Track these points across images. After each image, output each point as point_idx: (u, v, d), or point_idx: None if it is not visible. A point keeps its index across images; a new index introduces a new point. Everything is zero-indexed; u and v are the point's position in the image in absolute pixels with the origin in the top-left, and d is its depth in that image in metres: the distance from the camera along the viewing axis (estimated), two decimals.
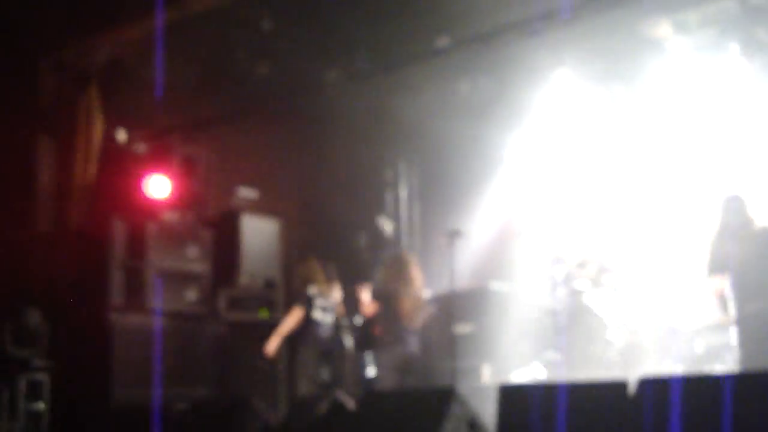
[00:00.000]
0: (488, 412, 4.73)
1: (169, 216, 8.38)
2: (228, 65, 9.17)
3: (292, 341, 8.09)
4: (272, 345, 7.87)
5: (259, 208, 9.56)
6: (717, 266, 6.71)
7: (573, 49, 8.99)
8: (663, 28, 8.21)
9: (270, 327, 8.16)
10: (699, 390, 4.04)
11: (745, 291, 6.58)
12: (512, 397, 4.59)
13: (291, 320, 7.89)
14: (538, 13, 7.08)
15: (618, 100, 8.88)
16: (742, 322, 6.63)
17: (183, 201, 8.48)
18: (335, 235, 9.41)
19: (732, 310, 6.73)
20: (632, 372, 6.56)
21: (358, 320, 8.52)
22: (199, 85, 9.29)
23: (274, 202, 9.91)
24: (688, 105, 8.55)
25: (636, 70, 8.63)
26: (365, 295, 8.17)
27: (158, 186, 8.31)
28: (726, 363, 7.29)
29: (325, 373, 7.92)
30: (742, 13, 7.72)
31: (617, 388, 4.33)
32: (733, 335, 7.34)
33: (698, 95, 8.43)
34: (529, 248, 8.26)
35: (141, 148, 8.53)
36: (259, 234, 8.93)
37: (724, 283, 6.69)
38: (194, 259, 8.33)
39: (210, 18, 7.96)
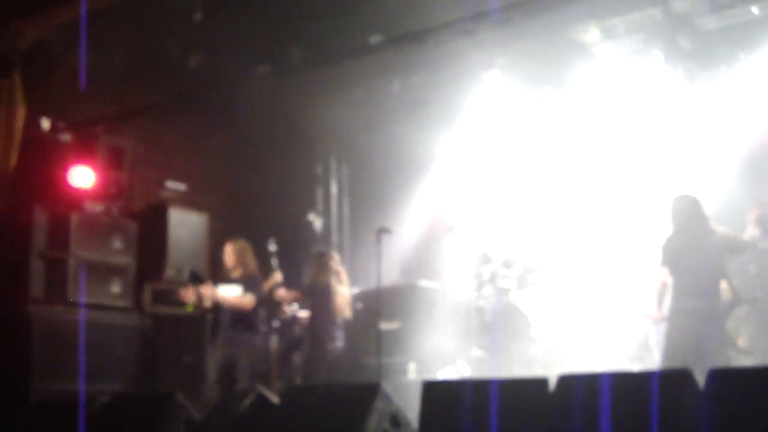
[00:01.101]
0: (413, 408, 4.75)
1: (93, 207, 8.22)
2: (158, 56, 9.03)
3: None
4: (205, 292, 7.52)
5: (187, 201, 9.45)
6: (667, 260, 6.91)
7: (504, 51, 9.12)
8: (591, 34, 8.39)
9: (196, 321, 8.06)
10: (619, 387, 4.12)
11: (685, 287, 6.80)
12: (436, 392, 4.63)
13: (244, 302, 7.43)
14: (470, 14, 7.14)
15: (547, 102, 9.04)
16: (673, 315, 6.82)
17: (108, 192, 8.33)
18: (263, 230, 9.33)
19: (665, 306, 6.91)
20: (556, 370, 6.68)
21: (277, 322, 8.46)
22: (127, 74, 9.13)
23: (202, 195, 9.80)
24: (615, 108, 8.76)
25: (565, 73, 8.80)
26: (282, 292, 8.09)
27: (82, 176, 8.15)
28: (644, 363, 7.48)
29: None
30: (666, 20, 7.94)
31: (538, 385, 4.39)
32: (653, 336, 7.55)
33: (625, 99, 8.64)
34: (457, 246, 8.34)
35: (65, 137, 8.34)
36: (185, 227, 8.82)
37: (668, 277, 6.90)
38: (118, 251, 8.18)
39: (140, 6, 7.82)
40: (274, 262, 8.01)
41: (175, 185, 9.74)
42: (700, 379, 3.92)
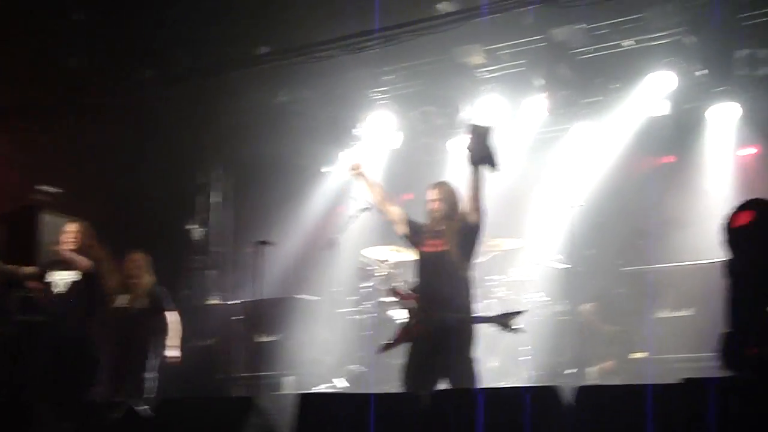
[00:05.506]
0: (290, 423, 4.72)
1: None
2: (32, 54, 8.70)
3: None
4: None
5: (64, 207, 9.09)
6: None
7: (390, 70, 9.23)
8: (476, 57, 8.58)
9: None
10: (492, 402, 4.21)
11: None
12: (311, 406, 4.61)
13: (81, 262, 6.76)
14: (356, 30, 7.21)
15: (432, 121, 9.17)
16: None
17: None
18: (141, 237, 9.11)
19: None
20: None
21: None
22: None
23: (78, 201, 9.46)
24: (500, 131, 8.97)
25: (449, 93, 8.96)
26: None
27: None
28: (519, 378, 7.66)
29: None
30: (548, 47, 8.21)
31: (411, 399, 4.45)
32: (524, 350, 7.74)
33: (506, 121, 8.86)
34: (338, 261, 8.33)
35: None
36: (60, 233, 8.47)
37: None
38: None
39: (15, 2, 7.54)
40: None
41: (48, 189, 9.37)
42: None
